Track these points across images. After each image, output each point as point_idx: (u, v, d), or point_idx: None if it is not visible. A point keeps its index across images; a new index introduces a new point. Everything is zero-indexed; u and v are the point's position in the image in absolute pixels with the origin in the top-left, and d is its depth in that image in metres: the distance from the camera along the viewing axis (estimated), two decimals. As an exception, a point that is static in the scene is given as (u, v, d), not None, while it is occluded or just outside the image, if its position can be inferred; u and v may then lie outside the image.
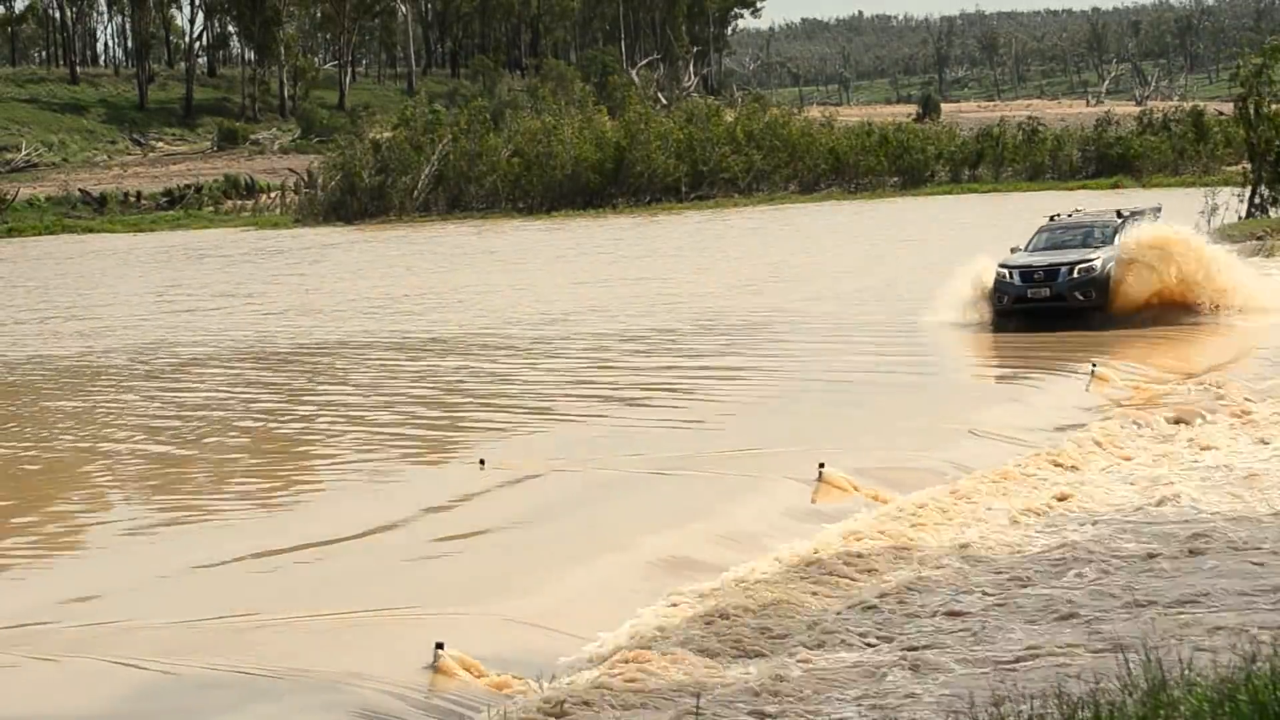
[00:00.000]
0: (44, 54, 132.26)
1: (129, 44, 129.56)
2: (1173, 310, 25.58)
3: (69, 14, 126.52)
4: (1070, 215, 27.94)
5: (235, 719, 9.30)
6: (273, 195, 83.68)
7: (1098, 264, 25.43)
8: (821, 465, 14.74)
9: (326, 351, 27.71)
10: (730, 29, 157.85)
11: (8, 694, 9.94)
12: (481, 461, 16.44)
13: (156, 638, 10.70)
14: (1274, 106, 44.61)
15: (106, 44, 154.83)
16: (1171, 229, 26.78)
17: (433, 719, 9.28)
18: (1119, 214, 27.10)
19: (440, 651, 9.77)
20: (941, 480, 14.91)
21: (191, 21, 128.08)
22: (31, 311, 38.37)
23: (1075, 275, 25.35)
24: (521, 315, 31.80)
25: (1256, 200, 45.66)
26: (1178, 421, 17.73)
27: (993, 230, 40.46)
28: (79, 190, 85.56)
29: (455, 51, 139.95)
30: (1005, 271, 25.66)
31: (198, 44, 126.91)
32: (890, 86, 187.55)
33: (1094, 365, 20.59)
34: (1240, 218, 43.57)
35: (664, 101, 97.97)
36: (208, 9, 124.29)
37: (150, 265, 53.50)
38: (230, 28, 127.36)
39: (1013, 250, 26.56)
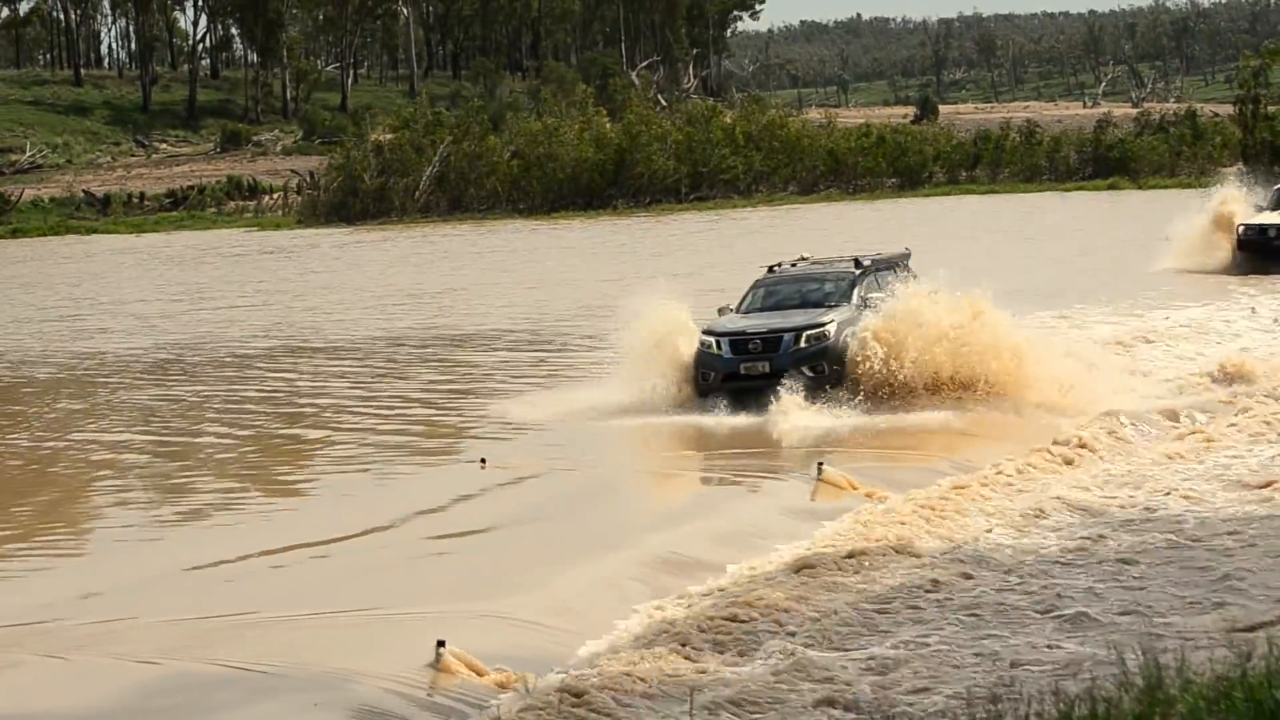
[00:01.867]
0: (48, 56, 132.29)
1: (133, 46, 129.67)
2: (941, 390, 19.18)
3: (73, 16, 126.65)
4: (795, 264, 21.76)
5: (238, 715, 9.36)
6: (275, 196, 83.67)
7: (831, 329, 19.57)
8: (820, 464, 14.78)
9: (366, 346, 27.95)
10: (729, 31, 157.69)
11: (14, 691, 10.00)
12: (483, 461, 16.49)
13: (161, 635, 10.77)
14: (1271, 108, 44.82)
15: (110, 46, 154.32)
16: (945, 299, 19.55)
17: (434, 716, 9.31)
18: (857, 263, 21.06)
19: (442, 649, 9.80)
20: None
21: (195, 24, 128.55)
22: (60, 310, 38.29)
23: (803, 344, 19.43)
24: (559, 310, 32.02)
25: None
26: (1179, 423, 17.77)
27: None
28: (83, 191, 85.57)
29: (456, 54, 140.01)
30: (711, 341, 19.69)
31: (201, 46, 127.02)
32: (888, 88, 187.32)
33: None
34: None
35: (664, 103, 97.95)
36: (211, 12, 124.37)
37: (167, 265, 53.36)
38: (233, 30, 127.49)
39: (720, 311, 20.65)
